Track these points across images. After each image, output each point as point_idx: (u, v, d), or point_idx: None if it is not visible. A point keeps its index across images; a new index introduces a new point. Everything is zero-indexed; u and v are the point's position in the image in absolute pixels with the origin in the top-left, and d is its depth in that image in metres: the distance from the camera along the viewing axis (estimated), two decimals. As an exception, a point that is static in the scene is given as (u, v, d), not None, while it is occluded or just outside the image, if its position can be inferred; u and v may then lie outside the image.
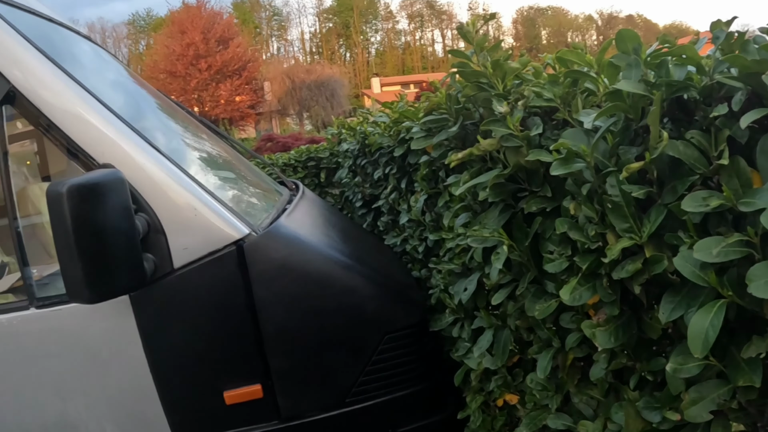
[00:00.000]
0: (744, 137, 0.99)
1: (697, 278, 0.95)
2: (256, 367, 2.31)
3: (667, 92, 1.10)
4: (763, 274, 0.86)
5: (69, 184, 1.81)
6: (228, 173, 3.20)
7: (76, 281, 1.87)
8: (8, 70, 2.19)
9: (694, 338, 0.93)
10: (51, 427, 2.41)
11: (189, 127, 3.49)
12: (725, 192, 0.92)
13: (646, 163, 1.06)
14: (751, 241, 0.90)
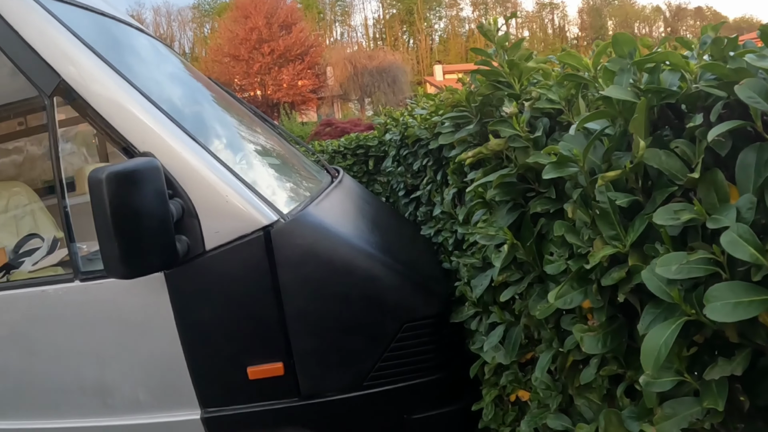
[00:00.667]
0: (723, 149, 0.97)
1: (663, 294, 0.93)
2: (279, 346, 2.42)
3: (656, 99, 1.08)
4: (721, 296, 0.84)
5: (108, 171, 1.98)
6: (266, 161, 3.31)
7: (112, 258, 2.04)
8: (59, 64, 2.36)
9: (647, 354, 0.93)
10: (88, 389, 2.59)
11: (233, 116, 3.63)
12: (696, 206, 0.91)
13: (624, 171, 1.06)
14: (717, 259, 0.88)
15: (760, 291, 0.82)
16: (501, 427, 2.44)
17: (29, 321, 2.61)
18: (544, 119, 1.61)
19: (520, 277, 1.82)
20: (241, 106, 4.03)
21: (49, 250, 3.15)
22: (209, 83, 3.92)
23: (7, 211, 3.56)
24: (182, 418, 2.55)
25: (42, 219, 3.64)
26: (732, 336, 0.92)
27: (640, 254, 1.11)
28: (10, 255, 3.16)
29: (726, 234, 0.83)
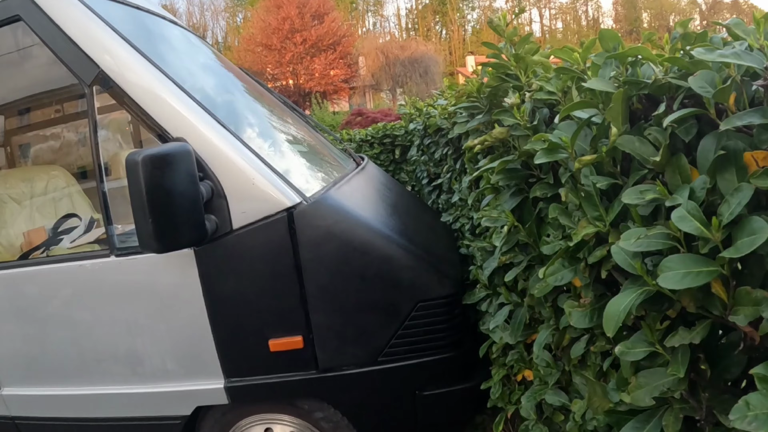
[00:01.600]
0: (687, 135, 1.07)
1: (628, 266, 1.04)
2: (299, 320, 2.55)
3: (634, 90, 1.19)
4: (673, 266, 0.94)
5: (144, 154, 2.12)
6: (292, 147, 3.43)
7: (147, 234, 2.18)
8: (98, 55, 2.52)
9: (608, 318, 1.03)
10: (121, 358, 2.77)
11: (261, 104, 3.76)
12: (659, 187, 1.01)
13: (600, 155, 1.16)
14: (675, 234, 0.99)
15: (707, 262, 0.92)
16: (507, 406, 2.55)
17: (67, 293, 2.77)
18: (543, 109, 1.71)
19: (522, 260, 1.93)
20: (270, 95, 4.17)
21: (86, 229, 3.35)
22: (239, 72, 4.06)
23: (46, 193, 3.72)
24: (207, 387, 2.70)
25: (78, 201, 3.81)
26: (689, 306, 1.02)
27: (618, 233, 1.21)
28: (49, 233, 3.35)
29: (677, 210, 0.93)
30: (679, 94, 1.13)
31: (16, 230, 3.35)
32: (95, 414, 2.94)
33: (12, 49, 3.42)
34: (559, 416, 2.03)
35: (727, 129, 0.94)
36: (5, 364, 3.01)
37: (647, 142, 1.13)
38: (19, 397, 3.04)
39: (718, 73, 1.02)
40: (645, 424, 1.25)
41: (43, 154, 4.65)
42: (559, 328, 1.74)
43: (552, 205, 1.51)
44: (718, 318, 1.02)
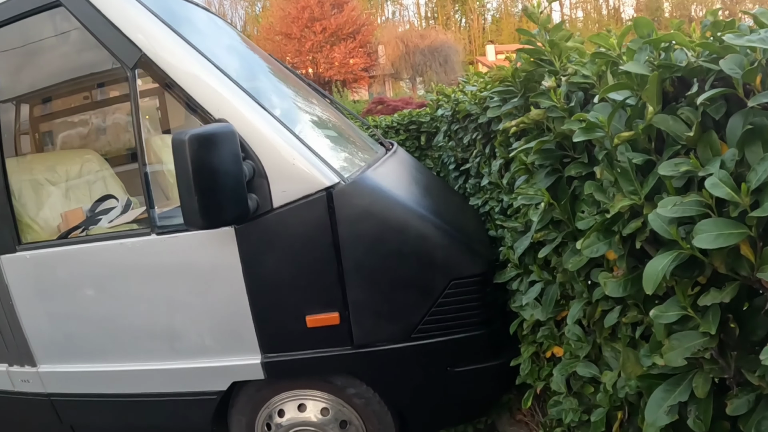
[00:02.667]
0: (717, 114, 1.17)
1: (664, 231, 1.14)
2: (336, 297, 2.63)
3: (667, 73, 1.28)
4: (707, 229, 1.04)
5: (190, 134, 2.20)
6: (327, 130, 3.51)
7: (192, 211, 2.26)
8: (140, 40, 2.61)
9: (647, 278, 1.14)
10: (158, 334, 2.87)
11: (294, 88, 3.84)
12: (692, 160, 1.11)
13: (637, 133, 1.26)
14: (707, 202, 1.08)
15: (737, 225, 1.03)
16: (536, 382, 2.64)
17: (107, 271, 2.87)
18: (578, 92, 1.81)
19: (556, 236, 2.03)
20: (298, 80, 4.26)
21: (123, 209, 3.42)
22: (267, 57, 4.16)
23: (81, 176, 3.82)
24: (243, 363, 2.78)
25: (111, 183, 3.91)
26: (720, 267, 1.12)
27: (652, 206, 1.31)
28: (87, 214, 3.43)
29: (710, 179, 1.04)
30: (709, 77, 1.23)
31: (53, 212, 3.42)
32: (131, 390, 3.03)
33: (48, 35, 3.51)
34: (589, 388, 2.12)
35: (753, 107, 1.04)
36: (42, 342, 3.10)
37: (680, 121, 1.23)
38: (55, 374, 3.13)
39: (745, 57, 1.11)
40: (675, 386, 1.35)
41: (76, 139, 4.77)
42: (592, 301, 1.83)
43: (588, 182, 1.61)
44: (746, 279, 1.12)
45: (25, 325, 3.07)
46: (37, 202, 3.39)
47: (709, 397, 1.30)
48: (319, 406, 2.96)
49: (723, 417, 1.33)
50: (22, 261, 2.97)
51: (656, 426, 1.36)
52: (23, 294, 3.03)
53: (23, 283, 3.02)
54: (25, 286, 3.02)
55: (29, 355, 3.14)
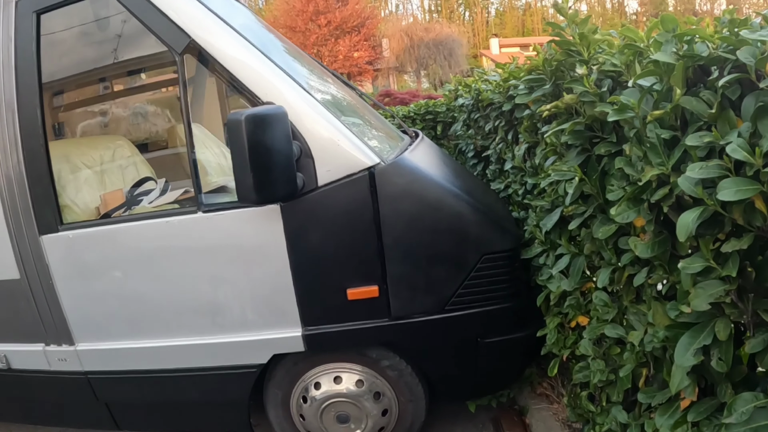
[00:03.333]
0: (733, 95, 1.40)
1: (691, 191, 1.37)
2: (376, 271, 2.80)
3: (690, 62, 1.51)
4: (728, 186, 1.27)
5: (246, 114, 2.37)
6: (362, 115, 3.68)
7: (246, 187, 2.43)
8: (189, 26, 2.74)
9: (681, 228, 1.36)
10: (201, 308, 2.99)
11: (326, 76, 4.00)
12: (714, 132, 1.34)
13: (666, 112, 1.49)
14: (726, 165, 1.31)
15: (752, 182, 1.26)
16: (561, 350, 2.83)
17: (151, 248, 2.98)
18: (607, 80, 2.03)
19: (584, 210, 2.24)
20: (325, 70, 4.41)
21: (161, 191, 3.58)
22: (296, 47, 4.29)
23: (114, 161, 3.94)
24: (285, 335, 2.93)
25: (143, 168, 4.06)
26: (739, 219, 1.35)
27: (678, 174, 1.53)
28: (127, 195, 3.58)
29: (729, 145, 1.27)
30: (727, 65, 1.46)
31: (90, 194, 3.49)
32: (172, 365, 3.14)
33: (92, 23, 3.70)
34: (616, 349, 2.32)
35: (764, 88, 1.28)
36: (81, 320, 3.19)
37: (702, 101, 1.46)
38: (93, 351, 3.21)
39: (757, 48, 1.34)
40: (700, 332, 1.58)
41: (114, 125, 4.96)
42: (620, 265, 2.05)
43: (618, 158, 1.83)
44: (760, 230, 1.34)
45: (64, 304, 3.14)
46: (75, 185, 3.47)
47: (729, 340, 1.52)
48: (354, 378, 3.11)
49: (741, 363, 1.56)
50: (64, 240, 3.03)
51: (684, 366, 1.59)
52: (64, 273, 3.10)
53: (65, 262, 3.09)
54: (67, 266, 3.09)
55: (68, 333, 3.21)
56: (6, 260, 3.15)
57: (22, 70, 2.96)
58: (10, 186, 3.04)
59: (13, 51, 2.97)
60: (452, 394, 3.40)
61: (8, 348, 3.40)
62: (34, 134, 2.97)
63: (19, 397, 3.66)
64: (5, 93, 2.98)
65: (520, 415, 3.64)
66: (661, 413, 1.83)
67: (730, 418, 1.35)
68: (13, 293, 3.22)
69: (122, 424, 3.54)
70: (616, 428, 2.27)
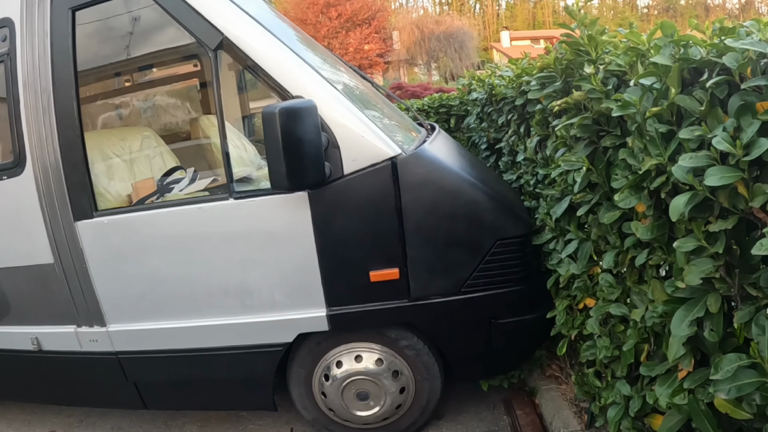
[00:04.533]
0: (722, 94, 1.59)
1: (684, 178, 1.56)
2: (397, 254, 2.97)
3: (686, 64, 1.71)
4: (714, 173, 1.45)
5: (280, 107, 2.55)
6: (381, 108, 3.84)
7: (280, 175, 2.62)
8: (222, 24, 2.91)
9: (674, 209, 1.56)
10: (231, 290, 3.16)
11: (347, 71, 4.17)
12: (703, 126, 1.54)
13: (663, 108, 1.69)
14: (713, 155, 1.50)
15: (734, 170, 1.45)
16: (570, 331, 3.00)
17: (185, 233, 3.15)
18: (613, 78, 2.22)
19: (591, 198, 2.43)
20: (344, 63, 4.55)
21: (190, 180, 3.75)
22: (314, 41, 4.47)
23: (141, 151, 4.13)
24: (310, 315, 3.10)
25: (168, 158, 4.26)
26: (724, 203, 1.54)
27: (674, 164, 1.72)
28: (158, 183, 3.75)
29: (715, 138, 1.46)
30: (716, 68, 1.66)
31: (122, 182, 3.70)
32: (201, 344, 3.31)
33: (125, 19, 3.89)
34: (620, 327, 2.50)
35: (746, 89, 1.47)
36: (114, 302, 3.35)
37: (695, 99, 1.65)
38: (125, 332, 3.39)
39: (741, 54, 1.54)
40: (693, 306, 1.76)
41: (144, 116, 5.20)
42: (624, 249, 2.23)
43: (621, 149, 2.02)
44: (743, 213, 1.53)
45: (97, 287, 3.30)
46: (108, 173, 3.68)
47: (720, 312, 1.70)
48: (374, 357, 3.29)
49: (734, 336, 1.73)
50: (99, 226, 3.20)
51: (680, 336, 1.77)
52: (98, 257, 3.26)
53: (99, 246, 3.25)
54: (101, 250, 3.25)
55: (100, 315, 3.37)
56: (40, 245, 3.33)
57: (58, 64, 3.14)
58: (46, 174, 3.21)
59: (49, 46, 3.14)
60: (466, 373, 3.56)
61: (39, 330, 3.58)
62: (70, 125, 3.14)
63: (48, 379, 3.84)
64: (42, 85, 3.16)
65: (530, 396, 3.81)
66: (661, 383, 2.02)
67: (716, 375, 1.53)
68: (47, 277, 3.39)
69: (150, 403, 3.73)
70: (621, 401, 2.44)
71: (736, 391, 1.49)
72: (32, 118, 3.20)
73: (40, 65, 3.15)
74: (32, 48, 3.17)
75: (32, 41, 3.17)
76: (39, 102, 3.16)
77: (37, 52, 3.16)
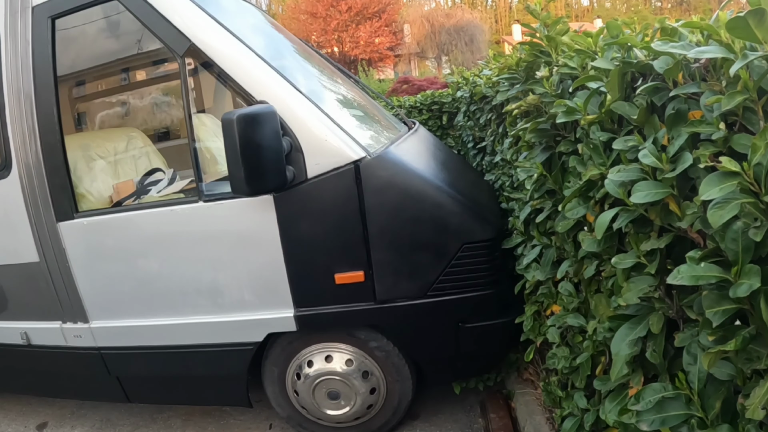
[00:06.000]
0: (660, 101, 1.50)
1: (615, 192, 1.48)
2: (361, 257, 2.94)
3: (627, 68, 1.62)
4: (642, 188, 1.37)
5: (238, 114, 2.54)
6: (353, 109, 3.80)
7: (239, 180, 2.60)
8: (189, 30, 2.92)
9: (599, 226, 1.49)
10: (203, 290, 3.19)
11: (323, 69, 4.13)
12: (636, 137, 1.45)
13: (599, 115, 1.60)
14: (645, 168, 1.42)
15: (663, 185, 1.36)
16: (537, 337, 2.95)
17: (158, 234, 3.19)
18: (567, 81, 2.14)
19: (549, 204, 2.35)
20: (325, 62, 4.54)
21: (169, 181, 3.78)
22: (296, 40, 4.45)
23: (127, 151, 4.18)
24: (278, 316, 3.11)
25: (154, 158, 4.28)
26: (656, 220, 1.46)
27: (615, 174, 1.65)
28: (137, 185, 3.80)
29: (642, 151, 1.38)
30: (653, 72, 1.56)
31: (104, 183, 3.75)
32: (177, 342, 3.36)
33: (101, 26, 3.87)
34: (578, 338, 2.43)
35: (679, 95, 1.39)
36: (95, 300, 3.43)
37: (634, 106, 1.56)
38: (106, 328, 3.46)
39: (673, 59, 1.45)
40: (636, 325, 1.68)
41: (121, 118, 5.18)
42: (578, 258, 2.16)
43: (572, 156, 1.94)
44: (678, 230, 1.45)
45: (80, 285, 3.39)
46: (90, 175, 3.71)
47: (662, 333, 1.63)
48: (344, 357, 3.28)
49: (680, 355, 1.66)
50: (79, 227, 3.27)
51: (621, 355, 1.69)
52: (80, 257, 3.34)
53: (80, 246, 3.33)
54: (82, 250, 3.33)
55: (83, 312, 3.46)
56: (27, 244, 3.42)
57: (39, 70, 3.20)
58: (30, 176, 3.29)
59: (31, 53, 3.20)
60: (436, 375, 3.52)
61: (29, 325, 3.68)
62: (51, 129, 3.20)
63: (37, 372, 3.94)
64: (24, 91, 3.22)
65: (506, 399, 3.74)
66: (611, 400, 1.93)
67: (636, 405, 1.45)
68: (34, 275, 3.49)
69: (132, 397, 3.79)
70: (578, 413, 2.38)
71: (660, 423, 1.41)
72: (16, 123, 3.27)
73: (22, 71, 3.22)
74: (15, 55, 3.24)
75: (15, 49, 3.24)
76: (22, 107, 3.23)
77: (20, 58, 3.22)
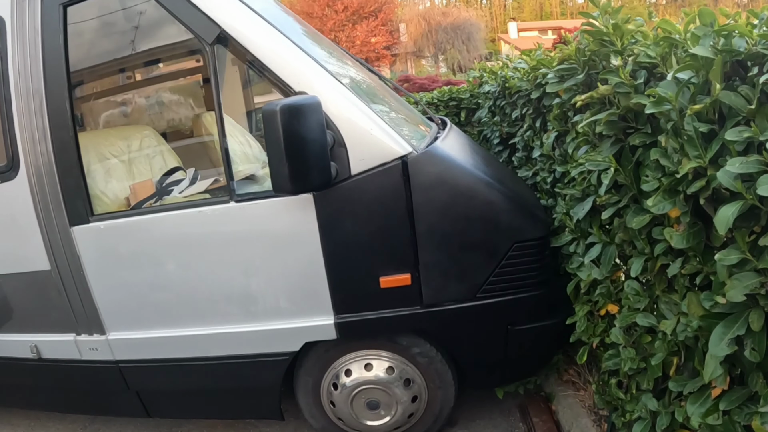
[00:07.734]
0: (774, 91, 1.42)
1: (731, 185, 1.39)
2: (408, 259, 2.82)
3: (729, 57, 1.53)
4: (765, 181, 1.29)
5: (281, 104, 2.39)
6: (390, 102, 3.68)
7: (282, 177, 2.46)
8: (219, 17, 2.75)
9: (720, 221, 1.39)
10: (234, 297, 3.03)
11: (356, 66, 4.00)
12: (753, 127, 1.36)
13: (705, 105, 1.51)
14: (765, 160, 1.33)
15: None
16: (591, 338, 2.85)
17: (185, 238, 3.01)
18: (642, 71, 2.04)
19: (618, 200, 2.26)
20: (350, 56, 4.38)
21: (191, 181, 3.61)
22: (321, 35, 4.30)
23: (141, 150, 3.97)
24: (317, 323, 2.96)
25: (169, 158, 4.09)
26: (774, 213, 1.38)
27: (715, 167, 1.56)
28: (156, 185, 3.61)
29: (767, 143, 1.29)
30: (766, 61, 1.47)
31: (119, 184, 3.53)
32: (204, 353, 3.18)
33: (118, 15, 3.72)
34: (647, 338, 2.34)
35: None
36: (113, 310, 3.22)
37: (741, 96, 1.48)
38: (125, 340, 3.26)
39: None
40: (733, 323, 1.61)
41: (141, 114, 5.00)
42: (654, 255, 2.07)
43: (653, 149, 1.85)
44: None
45: (96, 294, 3.17)
46: (104, 175, 3.51)
47: (763, 330, 1.55)
48: (385, 365, 3.15)
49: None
50: (95, 231, 3.06)
51: (718, 356, 1.62)
52: (96, 263, 3.13)
53: (96, 252, 3.11)
54: (98, 256, 3.12)
55: (99, 323, 3.24)
56: (36, 251, 3.19)
57: (49, 62, 2.99)
58: (40, 178, 3.07)
59: (40, 44, 2.99)
60: (481, 380, 3.43)
61: (39, 338, 3.45)
62: (63, 125, 3.00)
63: (49, 387, 3.73)
64: (33, 85, 3.01)
65: (546, 402, 3.67)
66: (693, 401, 1.87)
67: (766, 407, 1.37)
68: (44, 284, 3.26)
69: (153, 412, 3.61)
70: (646, 416, 2.29)
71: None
72: (25, 120, 3.04)
73: (31, 64, 3.01)
74: (23, 46, 3.02)
75: (23, 39, 3.02)
76: (31, 102, 3.01)
77: (28, 50, 3.01)
